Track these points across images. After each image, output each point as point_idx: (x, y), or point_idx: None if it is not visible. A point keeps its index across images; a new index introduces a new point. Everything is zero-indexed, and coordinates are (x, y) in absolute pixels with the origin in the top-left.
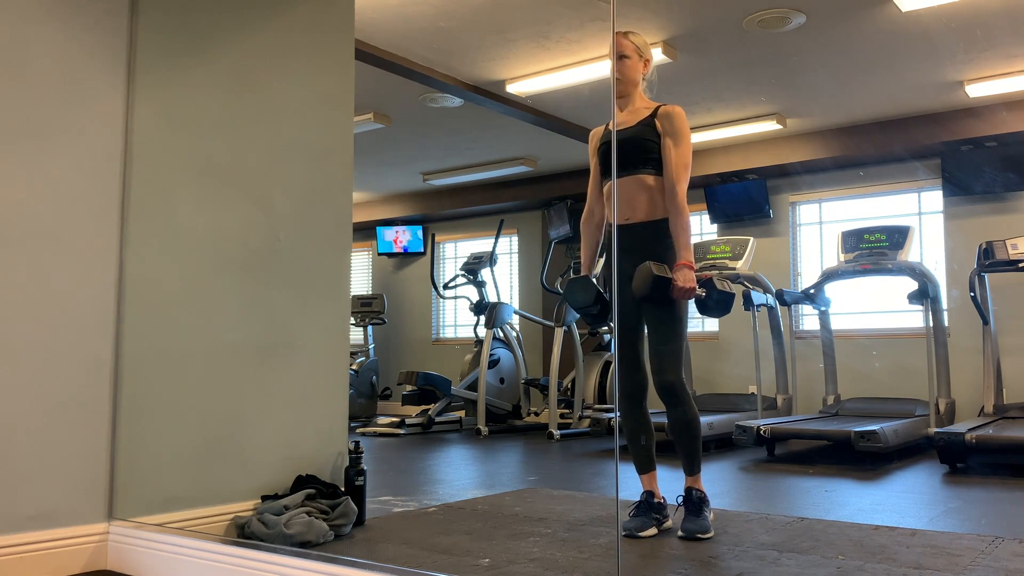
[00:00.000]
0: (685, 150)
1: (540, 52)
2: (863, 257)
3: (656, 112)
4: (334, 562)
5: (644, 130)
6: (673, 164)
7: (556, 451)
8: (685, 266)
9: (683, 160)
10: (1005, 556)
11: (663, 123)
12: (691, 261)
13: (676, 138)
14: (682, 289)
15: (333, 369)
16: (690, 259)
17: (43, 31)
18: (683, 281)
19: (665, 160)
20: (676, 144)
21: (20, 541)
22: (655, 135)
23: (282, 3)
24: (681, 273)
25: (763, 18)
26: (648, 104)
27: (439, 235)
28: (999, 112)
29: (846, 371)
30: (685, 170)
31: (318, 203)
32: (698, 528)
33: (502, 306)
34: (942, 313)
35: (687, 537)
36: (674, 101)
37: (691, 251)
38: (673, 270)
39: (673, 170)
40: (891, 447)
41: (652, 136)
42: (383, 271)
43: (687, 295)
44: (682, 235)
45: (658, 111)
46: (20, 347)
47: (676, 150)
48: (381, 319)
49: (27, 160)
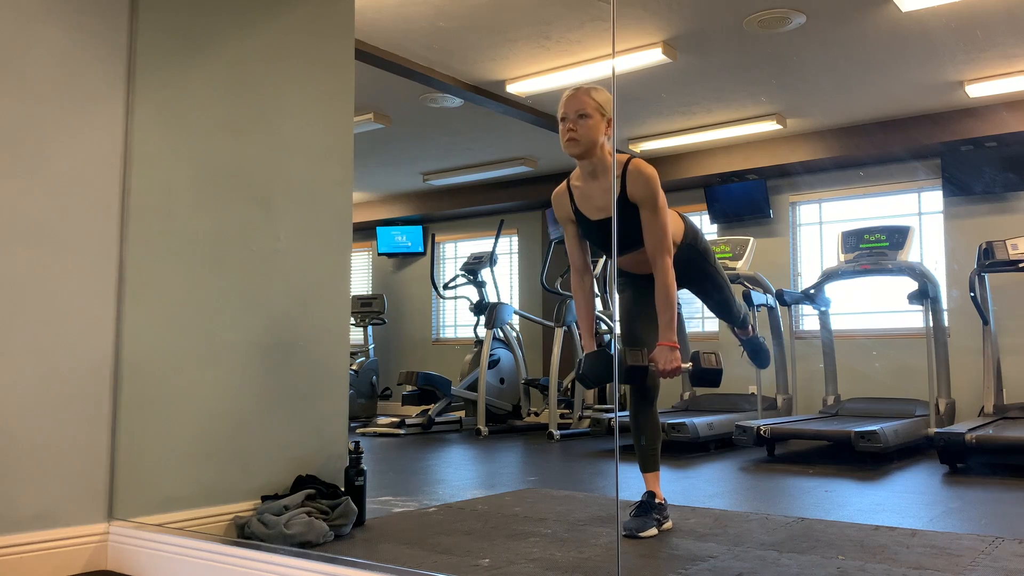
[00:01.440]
0: (662, 216)
1: (540, 52)
2: (863, 257)
3: (624, 179)
4: (334, 562)
5: (622, 213)
6: (653, 237)
7: (556, 451)
8: (667, 346)
9: (662, 230)
10: (1005, 556)
11: (634, 191)
12: (673, 340)
13: (651, 207)
14: (664, 371)
15: (333, 369)
16: (672, 338)
17: (43, 31)
18: (664, 363)
19: (645, 232)
20: (653, 213)
21: (20, 541)
22: (633, 210)
23: (282, 3)
24: (663, 355)
25: (763, 18)
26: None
27: (439, 235)
28: (999, 112)
29: (846, 371)
30: (665, 238)
31: (318, 203)
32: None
33: (502, 306)
34: (942, 313)
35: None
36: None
37: (674, 329)
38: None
39: (654, 243)
40: (891, 447)
41: (631, 214)
42: (383, 271)
43: (671, 375)
44: (664, 312)
45: (626, 177)
46: (20, 347)
47: (653, 220)
48: (381, 319)
49: (27, 160)
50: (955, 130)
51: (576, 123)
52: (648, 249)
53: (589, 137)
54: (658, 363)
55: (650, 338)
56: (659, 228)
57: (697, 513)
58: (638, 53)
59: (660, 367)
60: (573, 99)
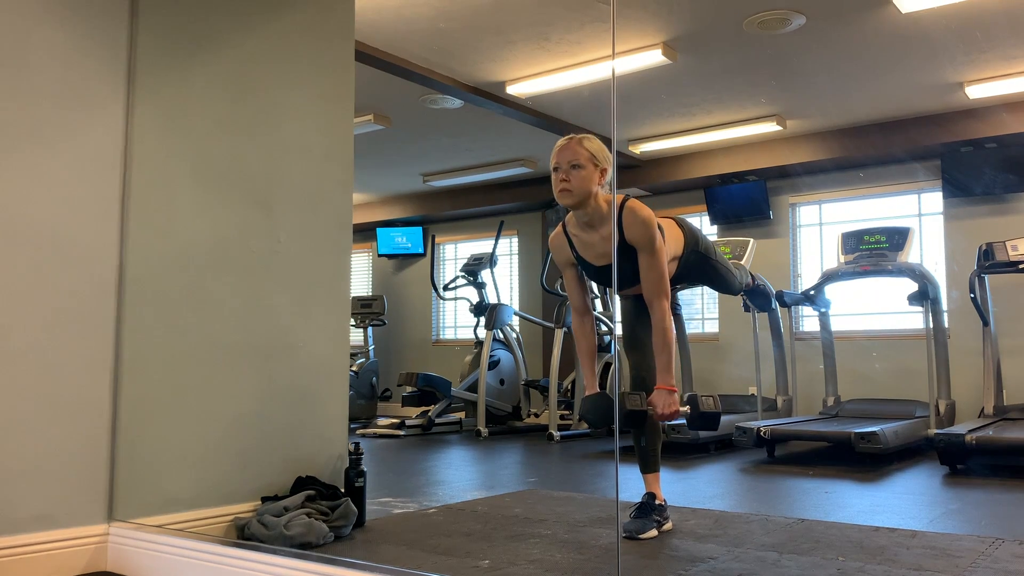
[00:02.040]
0: (659, 259)
1: (540, 53)
2: (863, 258)
3: (621, 221)
4: (334, 563)
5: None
6: (650, 280)
7: (556, 452)
8: (665, 390)
9: (659, 273)
10: (1005, 557)
11: (631, 235)
12: (671, 384)
13: (648, 249)
14: (663, 415)
15: (333, 370)
16: (670, 382)
17: (43, 32)
18: (663, 408)
19: (641, 274)
20: (650, 255)
21: (20, 542)
22: (631, 252)
23: (282, 5)
24: (661, 399)
25: (763, 19)
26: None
27: (439, 236)
28: (999, 113)
29: (846, 372)
30: (663, 280)
31: (318, 204)
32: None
33: (502, 307)
34: (942, 314)
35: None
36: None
37: (671, 372)
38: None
39: (651, 286)
40: (891, 448)
41: (630, 257)
42: (383, 272)
43: (670, 420)
44: (661, 355)
45: (622, 218)
46: (20, 347)
47: (650, 262)
48: (381, 320)
49: (28, 160)
50: (955, 131)
51: (569, 173)
52: (645, 293)
53: (582, 188)
54: (656, 408)
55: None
56: (656, 272)
57: (697, 514)
58: (638, 54)
59: (659, 411)
60: (566, 149)
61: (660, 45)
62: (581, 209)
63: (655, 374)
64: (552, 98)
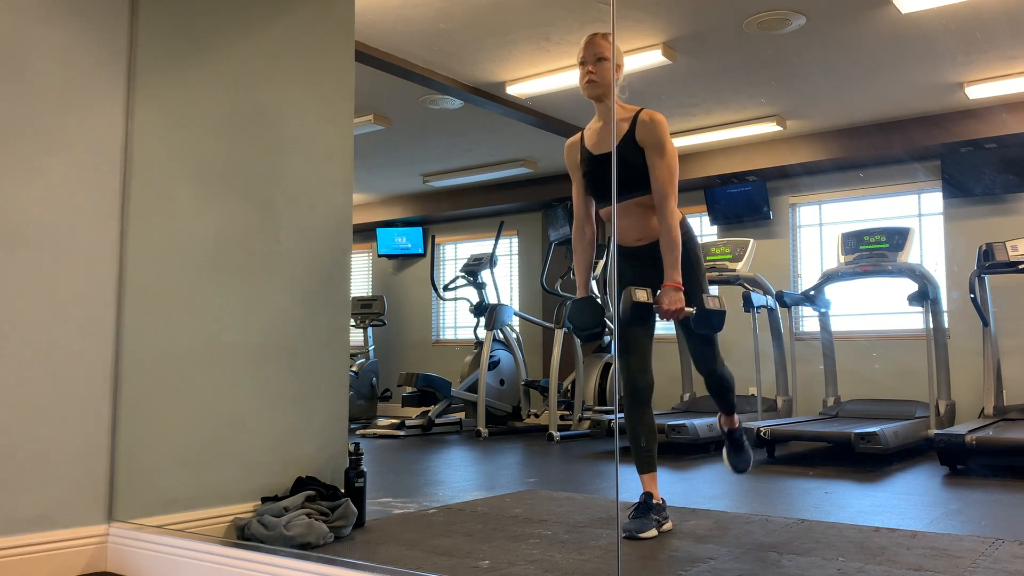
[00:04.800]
0: (670, 161)
1: (540, 54)
2: (863, 259)
3: (635, 123)
4: (334, 564)
5: (627, 151)
6: (659, 180)
7: (556, 453)
8: (672, 287)
9: (669, 173)
10: (1005, 558)
11: (643, 135)
12: (678, 281)
13: (659, 151)
14: (668, 311)
15: (333, 370)
16: (677, 279)
17: (43, 32)
18: (669, 304)
19: (651, 175)
20: (660, 157)
21: (20, 543)
22: (638, 152)
23: (282, 5)
24: (667, 295)
25: (763, 20)
26: (625, 110)
27: (439, 237)
28: (999, 114)
29: (846, 373)
30: (672, 182)
31: (318, 205)
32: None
33: (502, 308)
34: (942, 315)
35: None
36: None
37: (679, 270)
38: (660, 291)
39: (660, 186)
40: (891, 449)
41: (636, 155)
42: (383, 273)
43: (675, 316)
44: (670, 253)
45: (636, 122)
46: (20, 348)
47: (661, 163)
48: (381, 321)
49: (27, 161)
50: (955, 131)
51: (596, 66)
52: (654, 190)
53: (607, 79)
54: (662, 303)
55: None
56: (666, 170)
57: (697, 515)
58: (638, 55)
59: (664, 307)
60: (592, 44)
61: (660, 45)
62: (604, 101)
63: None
64: (552, 98)
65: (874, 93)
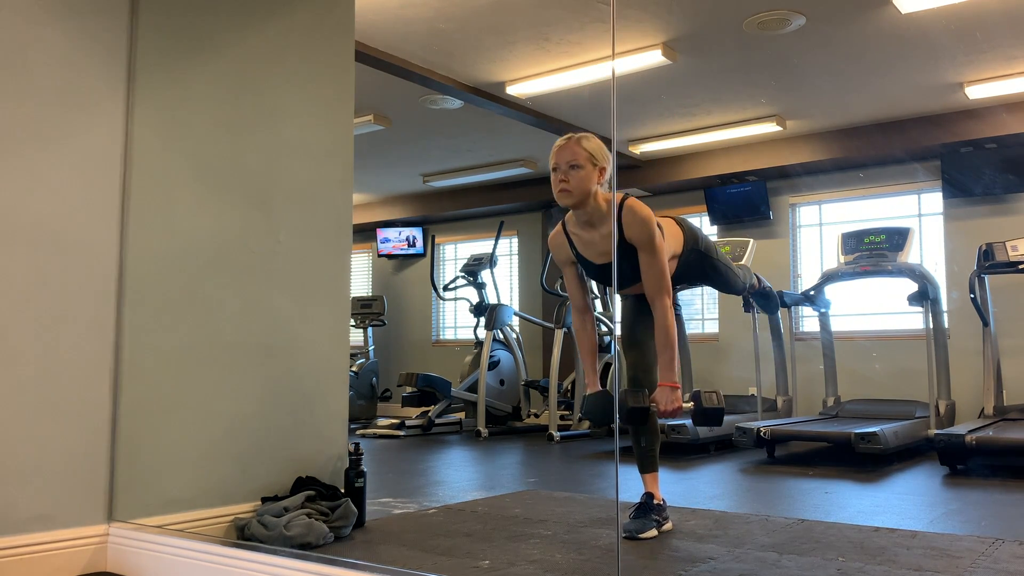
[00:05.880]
0: (660, 257)
1: (540, 54)
2: (863, 259)
3: (620, 218)
4: (334, 564)
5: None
6: (651, 278)
7: (556, 453)
8: (668, 387)
9: (660, 271)
10: (1005, 558)
11: (631, 234)
12: (674, 381)
13: (648, 248)
14: (665, 412)
15: (333, 370)
16: (673, 379)
17: (43, 32)
18: (666, 404)
19: (643, 272)
20: (651, 255)
21: (19, 543)
22: (631, 250)
23: (282, 5)
24: (663, 396)
25: (763, 20)
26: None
27: (439, 237)
28: (999, 114)
29: (846, 373)
30: (664, 278)
31: (318, 204)
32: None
33: (502, 308)
34: (942, 315)
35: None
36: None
37: (674, 369)
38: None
39: (652, 284)
40: (891, 449)
41: (629, 257)
42: (383, 273)
43: (673, 416)
44: (664, 352)
45: (621, 216)
46: (20, 347)
47: (652, 261)
48: (381, 321)
49: (27, 160)
50: (955, 131)
51: (568, 174)
52: (647, 290)
53: (581, 188)
54: (659, 405)
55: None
56: (657, 270)
57: (697, 515)
58: (638, 55)
59: (661, 408)
60: (564, 150)
61: (660, 45)
62: (580, 209)
63: (653, 373)
64: (552, 98)
65: (874, 93)
